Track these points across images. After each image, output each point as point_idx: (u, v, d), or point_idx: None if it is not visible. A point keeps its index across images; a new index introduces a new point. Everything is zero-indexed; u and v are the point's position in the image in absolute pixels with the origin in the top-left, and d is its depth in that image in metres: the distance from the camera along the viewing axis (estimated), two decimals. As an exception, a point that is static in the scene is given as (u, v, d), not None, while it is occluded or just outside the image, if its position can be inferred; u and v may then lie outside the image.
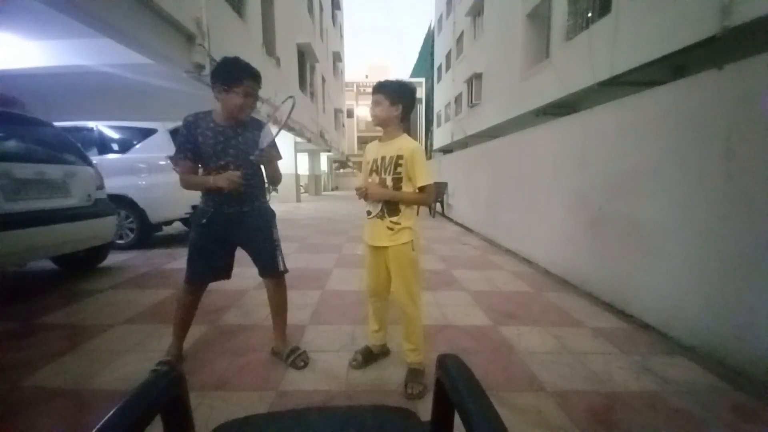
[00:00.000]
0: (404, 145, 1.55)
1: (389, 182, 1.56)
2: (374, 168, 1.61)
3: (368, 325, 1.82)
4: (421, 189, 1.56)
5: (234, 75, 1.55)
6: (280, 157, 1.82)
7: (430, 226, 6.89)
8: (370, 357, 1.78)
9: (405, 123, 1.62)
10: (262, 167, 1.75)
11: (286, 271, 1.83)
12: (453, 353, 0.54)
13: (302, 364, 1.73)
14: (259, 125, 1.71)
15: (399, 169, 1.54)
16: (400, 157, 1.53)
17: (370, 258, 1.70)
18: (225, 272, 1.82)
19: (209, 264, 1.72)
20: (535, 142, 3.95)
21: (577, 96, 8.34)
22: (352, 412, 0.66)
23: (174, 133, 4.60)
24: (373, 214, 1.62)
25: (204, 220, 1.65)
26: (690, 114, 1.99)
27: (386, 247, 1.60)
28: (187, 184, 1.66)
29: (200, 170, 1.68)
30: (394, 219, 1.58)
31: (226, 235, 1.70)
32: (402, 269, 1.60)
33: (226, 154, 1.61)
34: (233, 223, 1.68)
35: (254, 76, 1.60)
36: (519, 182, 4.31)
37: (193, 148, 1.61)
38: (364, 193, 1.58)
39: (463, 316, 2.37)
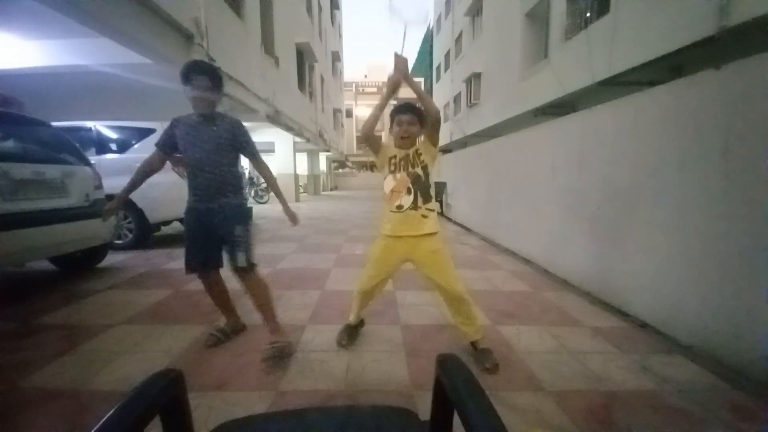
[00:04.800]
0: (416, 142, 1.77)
1: (420, 172, 1.71)
2: (400, 164, 1.74)
3: (352, 312, 2.00)
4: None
5: (186, 72, 1.72)
6: (255, 156, 1.93)
7: (430, 225, 6.88)
8: (353, 332, 2.00)
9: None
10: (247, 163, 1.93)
11: (250, 266, 1.84)
12: (452, 353, 0.55)
13: (269, 357, 1.75)
14: (225, 120, 1.84)
15: (422, 158, 1.71)
16: (417, 149, 1.73)
17: (388, 251, 1.79)
18: (213, 262, 1.92)
19: (195, 254, 1.86)
20: (534, 141, 3.95)
21: (576, 96, 8.36)
22: (352, 412, 0.66)
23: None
24: (407, 206, 1.71)
25: (185, 214, 1.86)
26: (688, 113, 1.99)
27: (421, 237, 1.71)
28: (139, 167, 1.90)
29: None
30: (428, 206, 1.72)
31: (207, 228, 1.82)
32: (444, 256, 1.75)
33: (196, 147, 1.77)
34: (210, 217, 1.81)
35: (202, 71, 1.74)
36: (518, 182, 4.32)
37: (166, 141, 1.85)
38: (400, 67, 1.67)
39: (462, 316, 2.37)
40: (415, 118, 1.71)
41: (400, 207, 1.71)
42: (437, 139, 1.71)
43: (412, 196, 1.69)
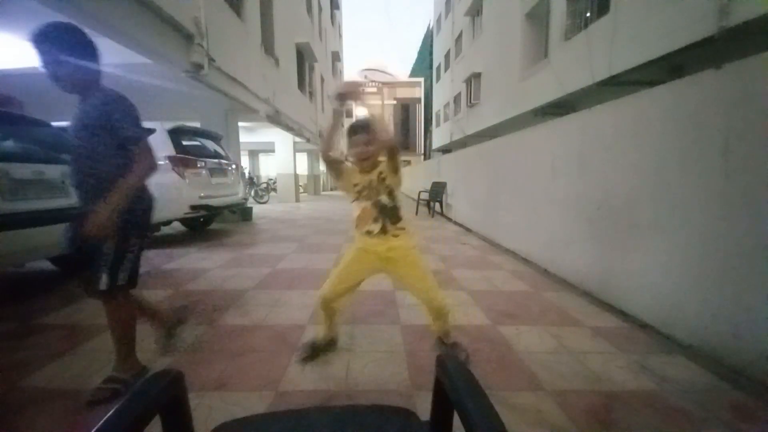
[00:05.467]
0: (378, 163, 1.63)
1: (386, 199, 1.62)
2: (364, 192, 1.64)
3: (321, 326, 1.85)
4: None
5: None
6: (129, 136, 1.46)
7: (430, 226, 6.89)
8: (318, 350, 1.83)
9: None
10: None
11: (110, 290, 1.47)
12: (452, 353, 0.55)
13: (97, 397, 1.46)
14: (97, 97, 1.44)
15: (387, 182, 1.61)
16: (381, 172, 1.61)
17: (358, 259, 1.70)
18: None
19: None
20: (534, 141, 3.95)
21: (576, 96, 8.36)
22: (352, 411, 0.66)
23: (172, 132, 4.61)
24: (376, 231, 1.64)
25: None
26: (688, 113, 1.99)
27: (393, 251, 1.65)
28: None
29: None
30: (399, 225, 1.66)
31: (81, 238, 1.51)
32: (419, 268, 1.69)
33: (72, 137, 1.45)
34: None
35: (41, 39, 1.37)
36: (518, 182, 4.32)
37: None
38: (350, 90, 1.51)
39: (462, 316, 2.37)
40: (371, 136, 1.56)
41: (369, 232, 1.65)
42: (397, 166, 1.57)
43: (380, 224, 1.63)
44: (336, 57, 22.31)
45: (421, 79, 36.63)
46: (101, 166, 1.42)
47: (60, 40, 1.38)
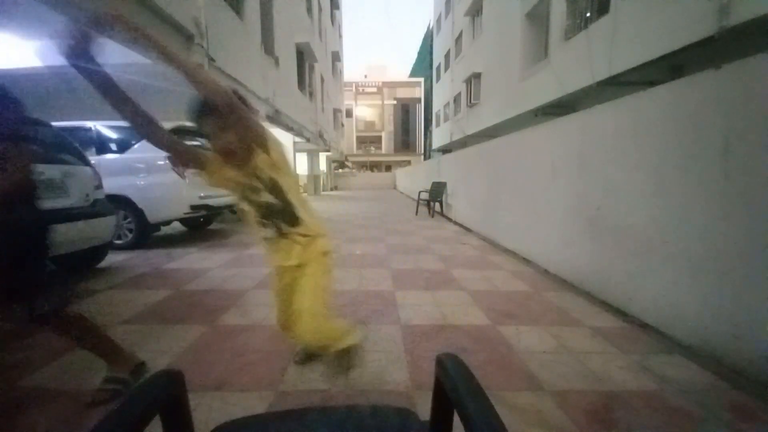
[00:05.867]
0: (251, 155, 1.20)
1: (269, 198, 1.26)
2: (243, 193, 1.27)
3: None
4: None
5: None
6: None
7: (429, 226, 6.89)
8: (313, 354, 1.75)
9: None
10: None
11: (59, 310, 1.43)
12: (452, 353, 0.55)
13: (98, 399, 1.46)
14: None
15: (264, 174, 1.22)
16: (255, 166, 1.21)
17: (279, 283, 1.45)
18: None
19: None
20: (534, 141, 3.95)
21: (576, 96, 8.37)
22: (352, 412, 0.66)
23: (173, 132, 4.61)
24: (272, 236, 1.32)
25: None
26: (688, 114, 1.99)
27: (303, 264, 1.33)
28: None
29: None
30: (302, 229, 1.32)
31: None
32: (309, 283, 1.33)
33: None
34: None
35: None
36: (518, 182, 4.31)
37: None
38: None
39: (462, 316, 2.37)
40: (209, 120, 1.16)
41: (266, 239, 1.34)
42: (249, 133, 1.13)
43: (272, 228, 1.30)
44: (336, 57, 22.33)
45: (421, 79, 36.66)
46: None
47: None
